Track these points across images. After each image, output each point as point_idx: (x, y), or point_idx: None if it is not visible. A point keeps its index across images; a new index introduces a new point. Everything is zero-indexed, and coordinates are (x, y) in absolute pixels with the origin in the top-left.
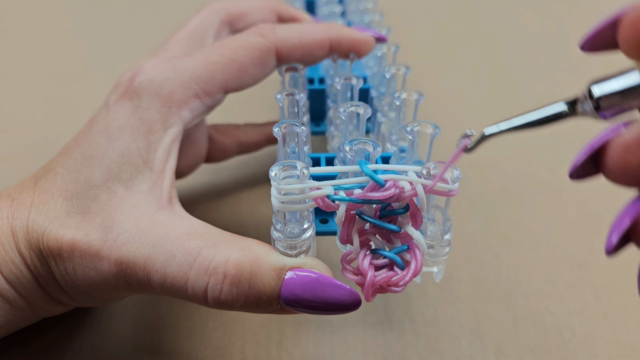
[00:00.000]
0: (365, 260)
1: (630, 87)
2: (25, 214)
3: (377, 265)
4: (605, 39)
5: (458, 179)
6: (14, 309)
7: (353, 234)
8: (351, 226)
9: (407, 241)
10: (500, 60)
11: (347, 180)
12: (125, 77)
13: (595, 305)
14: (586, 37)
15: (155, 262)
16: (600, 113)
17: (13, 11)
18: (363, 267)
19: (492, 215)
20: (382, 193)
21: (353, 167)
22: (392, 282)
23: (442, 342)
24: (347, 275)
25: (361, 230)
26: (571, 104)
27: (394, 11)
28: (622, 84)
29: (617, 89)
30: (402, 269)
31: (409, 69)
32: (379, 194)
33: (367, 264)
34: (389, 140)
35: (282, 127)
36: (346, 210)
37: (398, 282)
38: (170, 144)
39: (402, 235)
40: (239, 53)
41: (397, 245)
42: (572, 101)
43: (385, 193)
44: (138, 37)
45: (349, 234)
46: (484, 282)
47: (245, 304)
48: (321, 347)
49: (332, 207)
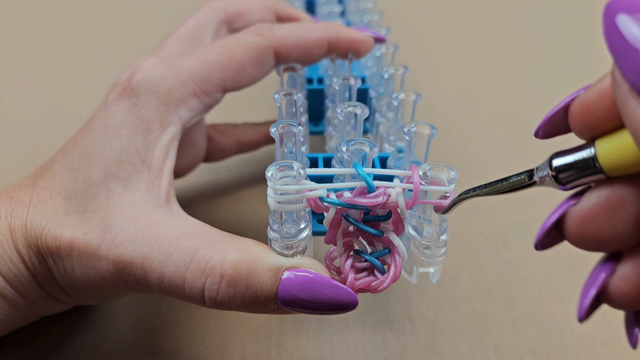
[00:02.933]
0: (346, 262)
1: (584, 160)
2: (24, 212)
3: (358, 268)
4: (557, 125)
5: (454, 179)
6: (13, 307)
7: (337, 235)
8: (337, 228)
9: (389, 245)
10: (500, 60)
11: (341, 184)
12: (123, 76)
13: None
14: (539, 125)
15: (153, 261)
16: (559, 186)
17: (13, 11)
18: (344, 269)
19: (492, 216)
20: (370, 200)
21: (348, 169)
22: (372, 287)
23: (442, 343)
24: (331, 275)
25: (346, 232)
26: (531, 175)
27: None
28: (577, 157)
29: (572, 162)
30: (382, 272)
31: (407, 69)
32: (366, 200)
33: (348, 266)
34: (386, 141)
35: (279, 127)
36: (335, 213)
37: (377, 288)
38: (169, 142)
39: (384, 239)
40: (237, 52)
41: (380, 249)
42: (531, 171)
43: (373, 200)
44: (137, 37)
45: (334, 235)
46: (484, 283)
47: (242, 304)
48: (321, 347)
49: (323, 209)
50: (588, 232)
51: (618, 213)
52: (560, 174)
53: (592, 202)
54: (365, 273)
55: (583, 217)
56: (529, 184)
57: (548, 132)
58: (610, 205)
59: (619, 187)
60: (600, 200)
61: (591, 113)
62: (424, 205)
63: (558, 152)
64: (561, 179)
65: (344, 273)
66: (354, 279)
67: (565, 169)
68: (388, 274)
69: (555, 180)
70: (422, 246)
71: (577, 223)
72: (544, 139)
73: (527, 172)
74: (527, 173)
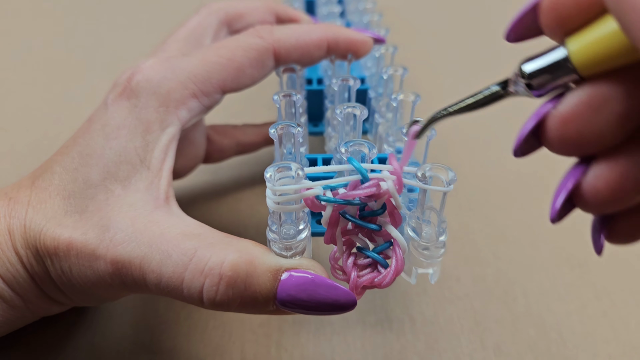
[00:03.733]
0: (348, 260)
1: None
2: (23, 212)
3: (361, 265)
4: (528, 26)
5: (453, 180)
6: (11, 308)
7: (337, 234)
8: (335, 227)
9: (389, 239)
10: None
11: (336, 180)
12: (123, 76)
13: (595, 304)
14: (509, 27)
15: (151, 262)
16: (533, 92)
17: (13, 11)
18: (347, 267)
19: (492, 214)
20: (363, 190)
21: (344, 166)
22: (376, 283)
23: (442, 341)
24: (336, 275)
25: (345, 230)
26: (504, 85)
27: (392, 12)
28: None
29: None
30: (385, 267)
31: (406, 70)
32: (359, 191)
33: (350, 264)
34: (385, 142)
35: (278, 128)
36: (332, 211)
37: (380, 283)
38: (168, 143)
39: (383, 233)
40: (237, 54)
41: (381, 243)
42: (505, 82)
43: (366, 190)
44: (137, 37)
45: (333, 234)
46: (484, 281)
47: (241, 305)
48: (321, 346)
49: (320, 208)
50: (570, 133)
51: (602, 111)
52: (533, 79)
53: (574, 102)
54: (368, 270)
55: (565, 118)
56: (502, 95)
57: (519, 35)
58: (594, 104)
59: (603, 84)
60: (583, 99)
61: (562, 5)
62: (422, 207)
63: (529, 57)
64: (534, 84)
65: (346, 271)
66: (357, 276)
67: (537, 73)
68: (390, 268)
69: (528, 86)
70: (421, 247)
71: (559, 125)
72: (515, 42)
73: (500, 83)
74: (500, 84)
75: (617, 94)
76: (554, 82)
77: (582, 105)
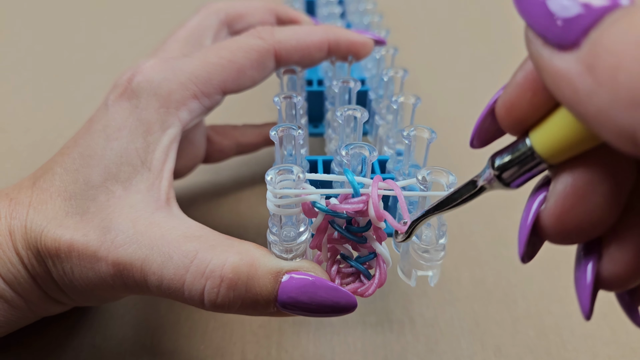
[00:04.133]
0: (332, 267)
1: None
2: (24, 213)
3: (345, 273)
4: (489, 129)
5: (454, 184)
6: (12, 308)
7: (323, 241)
8: (323, 234)
9: (373, 250)
10: (500, 63)
11: (334, 190)
12: (123, 77)
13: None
14: (472, 134)
15: (152, 264)
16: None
17: (13, 11)
18: (330, 274)
19: (492, 216)
20: (351, 205)
21: (339, 176)
22: (358, 293)
23: (442, 343)
24: None
25: (331, 238)
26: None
27: (393, 12)
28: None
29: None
30: (368, 277)
31: (407, 72)
32: (347, 206)
33: (334, 272)
34: (386, 144)
35: (279, 130)
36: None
37: (363, 294)
38: (169, 144)
39: (368, 245)
40: (238, 55)
41: (365, 254)
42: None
43: (354, 206)
44: (137, 37)
45: (320, 240)
46: (484, 283)
47: (242, 307)
48: (321, 347)
49: (314, 214)
50: (569, 226)
51: (591, 196)
52: (503, 174)
53: (560, 195)
54: (351, 278)
55: (558, 214)
56: (479, 191)
57: (483, 140)
58: (580, 192)
59: (580, 170)
60: (568, 189)
61: (516, 109)
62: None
63: (497, 152)
64: (505, 178)
65: (330, 278)
66: (340, 284)
67: (507, 167)
68: (373, 280)
69: (500, 180)
70: (421, 250)
71: (554, 221)
72: (480, 147)
73: (472, 181)
74: (473, 182)
75: (598, 175)
76: (525, 174)
77: (569, 197)
